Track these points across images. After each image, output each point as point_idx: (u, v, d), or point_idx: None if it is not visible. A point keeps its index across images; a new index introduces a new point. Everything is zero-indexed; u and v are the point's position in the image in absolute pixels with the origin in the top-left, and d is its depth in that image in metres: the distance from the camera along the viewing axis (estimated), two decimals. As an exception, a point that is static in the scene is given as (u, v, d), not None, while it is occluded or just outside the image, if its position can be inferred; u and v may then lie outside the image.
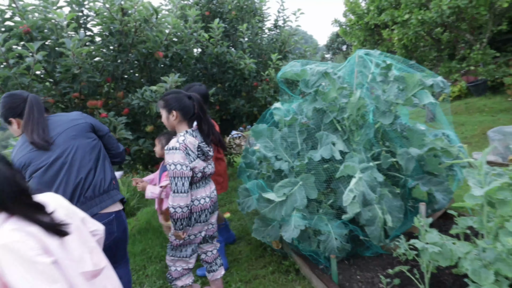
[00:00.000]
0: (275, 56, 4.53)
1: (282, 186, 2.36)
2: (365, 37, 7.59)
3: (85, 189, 1.66)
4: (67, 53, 2.45)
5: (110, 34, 3.22)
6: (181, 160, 1.78)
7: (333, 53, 18.96)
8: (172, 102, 1.92)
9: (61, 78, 2.68)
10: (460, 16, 5.60)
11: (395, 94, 2.19)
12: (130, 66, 3.56)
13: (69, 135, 1.70)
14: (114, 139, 1.99)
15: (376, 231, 2.13)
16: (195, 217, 1.94)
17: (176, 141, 1.82)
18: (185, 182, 1.78)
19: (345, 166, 2.05)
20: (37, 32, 2.72)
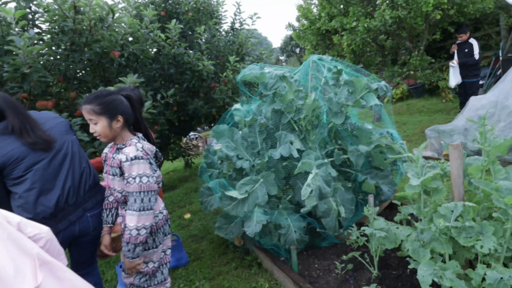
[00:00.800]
0: (233, 58, 4.62)
1: (244, 184, 2.46)
2: (317, 42, 8.00)
3: (88, 178, 1.77)
4: (17, 52, 2.31)
5: (61, 32, 3.07)
6: (147, 171, 1.53)
7: (287, 55, 19.56)
8: (115, 105, 1.60)
9: (8, 78, 2.51)
10: (401, 25, 6.17)
11: (345, 96, 2.40)
12: (83, 66, 3.41)
13: (61, 130, 1.74)
14: None
15: (332, 222, 2.32)
16: (162, 230, 1.74)
17: (136, 149, 1.55)
18: (152, 196, 1.55)
19: (303, 163, 2.21)
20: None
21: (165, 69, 4.78)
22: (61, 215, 1.62)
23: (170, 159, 6.24)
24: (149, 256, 1.68)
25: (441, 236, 1.58)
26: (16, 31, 2.47)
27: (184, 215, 4.24)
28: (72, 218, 1.66)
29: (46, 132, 1.62)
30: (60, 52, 3.15)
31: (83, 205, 1.71)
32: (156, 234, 1.70)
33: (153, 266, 1.71)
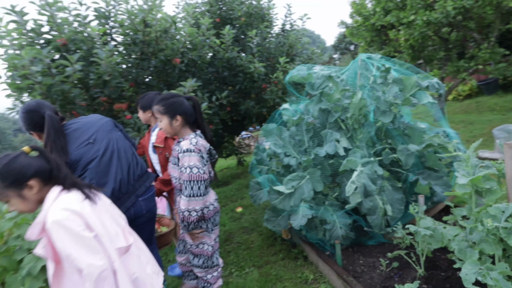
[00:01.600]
0: (283, 59, 4.76)
1: (290, 180, 2.60)
2: (372, 38, 7.74)
3: (136, 168, 1.99)
4: (100, 62, 2.74)
5: (133, 43, 3.52)
6: (198, 163, 1.75)
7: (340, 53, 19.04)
8: (175, 106, 1.85)
9: (93, 84, 2.98)
10: (467, 15, 5.71)
11: (394, 95, 2.39)
12: (150, 72, 3.85)
13: (105, 130, 1.99)
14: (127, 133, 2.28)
15: (377, 219, 2.34)
16: (212, 221, 1.96)
17: (190, 143, 1.78)
18: (201, 185, 1.76)
19: (348, 160, 2.27)
20: (72, 44, 3.04)
21: (220, 72, 5.10)
22: (118, 203, 1.88)
23: (223, 156, 6.60)
24: (205, 238, 1.92)
25: (489, 236, 1.55)
26: (99, 45, 2.92)
27: (236, 208, 4.51)
28: (128, 204, 1.92)
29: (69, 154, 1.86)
30: (131, 61, 3.60)
31: (134, 192, 1.96)
32: (208, 222, 1.95)
33: (209, 249, 1.96)
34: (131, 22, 3.37)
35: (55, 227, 1.11)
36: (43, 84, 2.54)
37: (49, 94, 2.62)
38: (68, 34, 2.97)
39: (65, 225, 1.12)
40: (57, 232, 1.11)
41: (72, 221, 1.13)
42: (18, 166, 1.18)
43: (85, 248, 1.12)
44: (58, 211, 1.14)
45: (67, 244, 1.11)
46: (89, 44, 3.02)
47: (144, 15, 3.34)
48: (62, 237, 1.11)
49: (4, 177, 1.16)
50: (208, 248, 1.97)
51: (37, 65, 2.43)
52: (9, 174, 1.16)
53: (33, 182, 1.19)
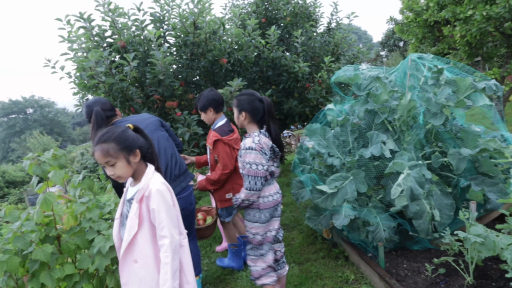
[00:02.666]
0: (328, 58, 4.73)
1: (333, 180, 2.62)
2: (424, 34, 7.32)
3: (173, 169, 2.16)
4: (155, 63, 2.98)
5: (184, 45, 3.74)
6: (257, 160, 1.89)
7: (388, 50, 18.19)
8: (243, 103, 2.01)
9: (149, 83, 3.24)
10: (534, 8, 5.20)
11: (446, 96, 2.30)
12: (199, 72, 4.05)
13: (151, 129, 2.16)
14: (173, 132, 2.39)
15: (424, 225, 2.28)
16: (270, 212, 2.02)
17: (252, 141, 1.91)
18: (258, 181, 1.90)
19: (394, 163, 2.24)
20: (130, 46, 3.32)
21: (264, 71, 5.20)
22: None
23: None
24: (255, 228, 2.01)
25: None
26: (154, 47, 3.16)
27: (277, 206, 4.59)
28: None
29: None
30: (181, 61, 3.83)
31: (176, 188, 2.11)
32: (262, 212, 2.01)
33: (258, 239, 2.02)
34: (182, 25, 3.59)
35: (158, 196, 1.38)
36: (106, 83, 2.82)
37: (111, 92, 2.90)
38: (127, 38, 3.26)
39: (165, 196, 1.40)
40: (158, 199, 1.38)
41: (169, 195, 1.43)
42: (131, 136, 1.46)
43: (172, 221, 1.39)
44: (159, 183, 1.43)
45: (163, 212, 1.38)
46: (145, 46, 3.27)
47: (195, 18, 3.53)
48: (161, 205, 1.38)
49: (120, 141, 1.41)
50: (257, 237, 2.03)
51: (101, 66, 2.72)
52: (125, 140, 1.43)
53: (138, 151, 1.47)
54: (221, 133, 2.75)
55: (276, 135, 2.05)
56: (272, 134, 2.03)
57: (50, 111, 51.58)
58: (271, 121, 2.05)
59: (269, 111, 2.04)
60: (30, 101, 49.81)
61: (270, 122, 2.04)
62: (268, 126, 2.05)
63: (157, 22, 3.71)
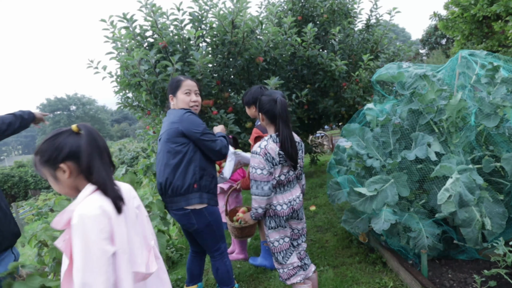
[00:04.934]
0: (366, 56, 4.57)
1: (373, 182, 2.52)
2: (471, 31, 6.87)
3: (166, 189, 2.01)
4: (194, 63, 3.03)
5: (221, 44, 3.78)
6: (260, 165, 1.85)
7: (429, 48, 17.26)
8: (261, 103, 1.97)
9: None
10: None
11: (502, 96, 2.13)
12: (235, 71, 4.08)
13: (164, 138, 2.03)
14: (206, 141, 2.01)
15: (473, 233, 2.13)
16: (285, 219, 1.98)
17: (258, 146, 1.90)
18: (264, 186, 1.85)
19: (441, 166, 2.11)
20: (171, 46, 3.42)
21: (299, 70, 5.13)
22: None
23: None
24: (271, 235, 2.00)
25: None
26: (194, 47, 3.22)
27: (310, 207, 4.52)
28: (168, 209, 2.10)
29: None
30: (218, 60, 3.88)
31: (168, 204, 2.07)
32: (276, 219, 1.98)
33: (274, 245, 2.00)
34: (220, 23, 3.63)
35: (76, 225, 0.97)
36: (148, 81, 2.92)
37: (152, 90, 2.99)
38: (168, 38, 3.35)
39: (85, 227, 0.97)
40: (75, 230, 0.97)
41: (98, 223, 0.99)
42: (56, 145, 1.07)
43: (92, 262, 0.96)
44: (88, 207, 1.01)
45: (77, 248, 0.97)
46: (184, 45, 3.34)
47: (233, 16, 3.55)
48: (77, 238, 0.97)
49: (43, 152, 1.07)
50: (275, 244, 2.01)
51: (144, 65, 2.81)
52: (46, 150, 1.07)
53: (64, 166, 1.07)
54: (263, 130, 2.74)
55: (286, 140, 1.91)
56: (280, 139, 1.91)
57: (91, 108, 54.78)
58: (282, 125, 1.92)
59: (282, 113, 1.92)
60: (73, 99, 53.22)
61: (280, 125, 1.92)
62: (277, 130, 1.94)
63: (196, 22, 3.78)
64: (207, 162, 2.08)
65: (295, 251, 2.13)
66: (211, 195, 2.11)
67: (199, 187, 2.02)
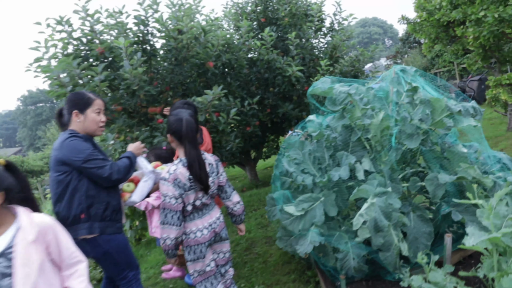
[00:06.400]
0: (324, 62, 4.50)
1: (302, 201, 2.46)
2: (437, 34, 6.88)
3: (57, 219, 1.86)
4: (124, 76, 2.88)
5: (168, 50, 3.64)
6: (169, 193, 1.74)
7: (409, 47, 17.40)
8: (169, 123, 1.85)
9: (124, 93, 3.17)
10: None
11: (421, 117, 2.09)
12: (187, 76, 3.90)
13: (50, 165, 1.93)
14: (91, 168, 1.84)
15: (391, 258, 2.09)
16: (195, 251, 1.87)
17: (167, 171, 1.79)
18: (174, 215, 1.74)
19: (359, 189, 2.06)
20: (109, 52, 3.25)
21: (262, 73, 5.04)
22: None
23: (262, 158, 6.57)
24: (191, 266, 1.89)
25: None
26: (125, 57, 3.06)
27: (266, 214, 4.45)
28: None
29: None
30: (166, 66, 3.74)
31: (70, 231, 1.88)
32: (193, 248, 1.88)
33: (194, 277, 1.90)
34: (166, 29, 3.48)
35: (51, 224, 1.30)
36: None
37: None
38: (106, 44, 3.19)
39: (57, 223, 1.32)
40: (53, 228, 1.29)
41: None
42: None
43: None
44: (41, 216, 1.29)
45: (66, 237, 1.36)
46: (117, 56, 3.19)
47: (177, 22, 3.42)
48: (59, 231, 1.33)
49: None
50: (194, 276, 1.91)
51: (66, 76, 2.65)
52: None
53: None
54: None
55: (194, 162, 1.80)
56: (188, 162, 1.81)
57: (75, 101, 53.14)
58: (189, 146, 1.81)
59: (188, 134, 1.82)
60: (56, 92, 51.57)
61: (187, 146, 1.81)
62: (185, 150, 1.83)
63: (141, 25, 3.61)
64: (99, 189, 1.92)
65: (221, 280, 2.03)
66: (107, 223, 1.94)
67: (88, 217, 1.88)
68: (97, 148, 2.06)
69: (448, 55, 12.10)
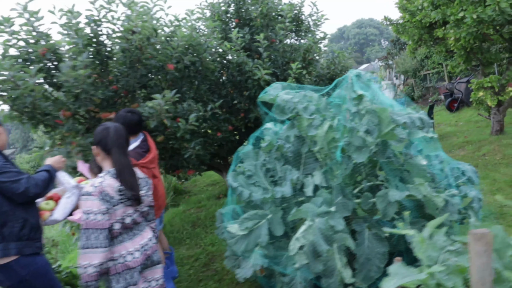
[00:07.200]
0: (295, 65, 4.29)
1: (247, 219, 2.24)
2: (420, 36, 6.72)
3: None
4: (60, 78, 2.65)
5: (122, 51, 3.41)
6: (94, 208, 1.53)
7: (399, 48, 17.24)
8: (95, 135, 1.71)
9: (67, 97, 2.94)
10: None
11: (366, 129, 1.88)
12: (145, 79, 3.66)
13: None
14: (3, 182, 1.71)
15: (334, 284, 1.88)
16: (125, 278, 1.63)
17: (91, 185, 1.59)
18: (99, 234, 1.51)
19: (298, 210, 1.85)
20: (51, 54, 3.02)
21: (235, 75, 4.82)
22: None
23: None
24: None
25: None
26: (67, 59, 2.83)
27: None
28: None
29: None
30: (121, 69, 3.51)
31: None
32: (122, 276, 1.63)
33: None
34: (118, 30, 3.26)
35: None
36: (8, 96, 2.54)
37: (15, 107, 2.62)
38: (49, 44, 2.96)
39: None
40: None
41: None
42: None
43: None
44: None
45: None
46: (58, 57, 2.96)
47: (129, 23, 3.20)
48: None
49: None
50: None
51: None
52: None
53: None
54: (136, 156, 2.53)
55: (124, 169, 1.65)
56: (117, 169, 1.65)
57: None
58: (118, 153, 1.66)
59: (116, 140, 1.68)
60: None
61: (116, 154, 1.66)
62: (114, 161, 1.67)
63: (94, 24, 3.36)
64: (13, 205, 1.74)
65: None
66: (25, 243, 1.76)
67: (1, 237, 1.69)
68: (9, 161, 1.86)
69: (436, 57, 11.97)
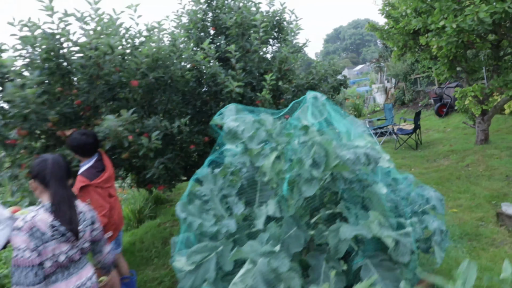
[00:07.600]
0: (269, 76, 4.15)
1: (195, 252, 2.09)
2: (405, 42, 6.61)
3: None
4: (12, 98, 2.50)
5: (81, 67, 3.26)
6: (22, 245, 1.47)
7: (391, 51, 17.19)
8: (32, 168, 1.63)
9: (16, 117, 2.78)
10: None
11: (314, 161, 1.73)
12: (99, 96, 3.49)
13: None
14: None
15: (280, 331, 1.73)
16: None
17: (22, 219, 1.52)
18: (29, 272, 1.45)
19: (238, 250, 1.70)
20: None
21: (211, 86, 4.68)
22: None
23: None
24: None
25: None
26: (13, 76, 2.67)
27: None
28: None
29: None
30: (81, 85, 3.35)
31: None
32: None
33: None
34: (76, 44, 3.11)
35: None
36: None
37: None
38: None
39: None
40: None
41: None
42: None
43: None
44: None
45: None
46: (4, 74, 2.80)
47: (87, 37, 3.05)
48: None
49: None
50: None
51: None
52: None
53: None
54: (90, 176, 2.54)
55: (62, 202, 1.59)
56: (54, 202, 1.58)
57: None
58: (56, 184, 1.60)
59: (54, 171, 1.62)
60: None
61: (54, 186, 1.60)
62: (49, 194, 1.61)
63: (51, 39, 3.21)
64: None
65: None
66: None
67: None
68: None
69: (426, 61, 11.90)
